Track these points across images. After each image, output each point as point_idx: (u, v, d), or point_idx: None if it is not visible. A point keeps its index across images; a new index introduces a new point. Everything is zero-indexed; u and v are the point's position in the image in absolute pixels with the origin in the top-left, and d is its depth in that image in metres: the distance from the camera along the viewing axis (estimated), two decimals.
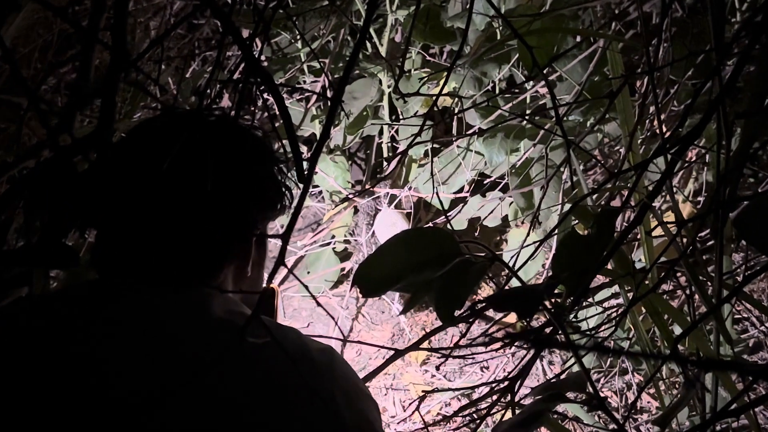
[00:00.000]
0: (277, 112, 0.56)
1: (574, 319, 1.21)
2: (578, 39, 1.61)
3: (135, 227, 0.70)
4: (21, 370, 0.62)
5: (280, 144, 0.79)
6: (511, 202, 2.10)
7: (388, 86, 2.18)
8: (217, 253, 0.72)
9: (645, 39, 1.01)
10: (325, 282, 2.41)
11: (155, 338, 0.64)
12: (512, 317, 2.20)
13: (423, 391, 1.01)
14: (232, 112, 0.78)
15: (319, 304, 0.56)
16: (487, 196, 2.15)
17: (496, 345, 1.29)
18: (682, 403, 0.61)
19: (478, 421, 0.84)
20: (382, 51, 2.12)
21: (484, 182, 2.07)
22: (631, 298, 0.83)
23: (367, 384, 0.77)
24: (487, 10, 1.63)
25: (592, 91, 1.61)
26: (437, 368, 2.17)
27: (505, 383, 0.74)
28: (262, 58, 2.20)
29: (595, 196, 1.27)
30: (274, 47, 2.20)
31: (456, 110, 2.08)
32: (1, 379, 0.62)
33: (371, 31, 2.13)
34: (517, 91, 1.90)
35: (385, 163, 2.39)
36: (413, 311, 2.38)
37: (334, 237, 2.39)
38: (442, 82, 0.85)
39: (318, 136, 2.40)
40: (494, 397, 0.79)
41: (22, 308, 0.70)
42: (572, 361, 1.52)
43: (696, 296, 0.88)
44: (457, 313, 0.66)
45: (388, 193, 2.24)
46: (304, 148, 2.42)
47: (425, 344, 1.84)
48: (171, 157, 0.63)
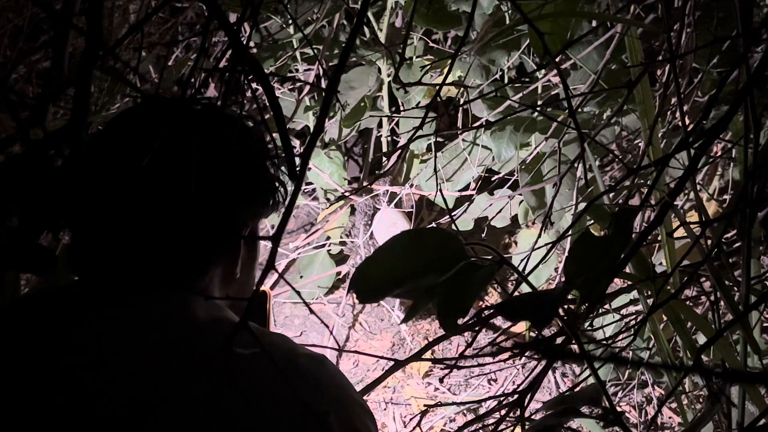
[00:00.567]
0: (267, 103, 0.56)
1: (589, 328, 1.22)
2: (594, 24, 1.62)
3: (113, 226, 0.70)
4: None
5: (270, 138, 0.79)
6: (521, 201, 2.10)
7: (388, 75, 2.18)
8: (203, 254, 0.72)
9: (666, 24, 1.01)
10: (319, 288, 2.41)
11: (135, 352, 0.65)
12: (521, 326, 2.21)
13: (425, 406, 1.02)
14: (219, 103, 0.78)
15: (313, 312, 0.56)
16: (495, 194, 2.15)
17: (505, 355, 1.30)
18: (706, 419, 0.61)
19: None
20: (381, 36, 2.13)
21: (492, 179, 2.07)
22: (651, 304, 0.83)
23: (365, 397, 0.77)
24: None
25: (608, 80, 1.61)
26: (441, 381, 2.17)
27: (515, 397, 0.74)
28: (251, 44, 2.20)
29: (612, 195, 1.27)
30: (263, 33, 2.20)
31: (461, 101, 2.08)
32: None
33: (369, 15, 2.13)
34: (528, 80, 1.91)
35: (385, 159, 2.39)
36: (415, 319, 2.38)
37: (329, 239, 2.39)
38: (446, 71, 0.86)
39: (311, 129, 2.41)
40: (503, 412, 0.79)
41: None
42: (587, 373, 1.52)
43: (721, 303, 0.88)
44: (462, 321, 0.66)
45: (387, 191, 2.24)
46: (296, 142, 2.42)
47: (428, 355, 1.84)
48: (153, 150, 0.63)
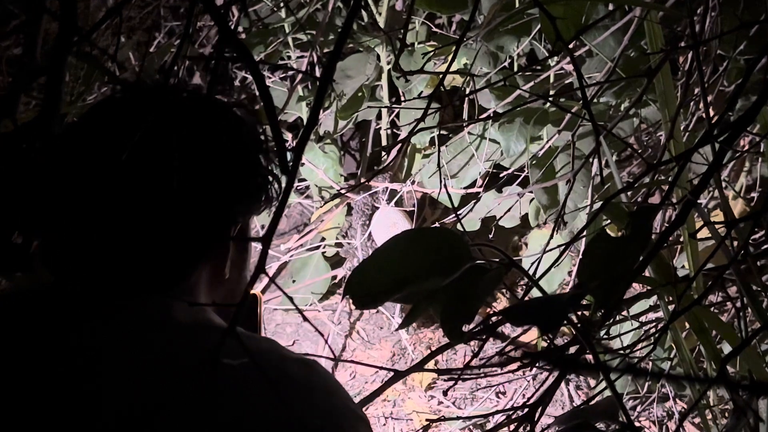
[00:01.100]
0: (257, 93, 0.56)
1: (605, 336, 1.22)
2: (611, 7, 1.61)
3: (89, 226, 0.70)
4: None
5: (261, 128, 0.78)
6: (532, 199, 2.10)
7: (388, 62, 2.18)
8: (189, 254, 0.72)
9: (689, 7, 1.01)
10: (313, 293, 2.41)
11: (116, 360, 0.65)
12: (532, 334, 2.21)
13: (428, 420, 1.02)
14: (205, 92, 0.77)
15: (306, 319, 0.56)
16: (504, 191, 2.15)
17: (514, 366, 1.30)
18: None
19: None
20: (381, 21, 2.12)
21: (500, 175, 2.07)
22: (672, 311, 0.83)
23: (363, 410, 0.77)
24: None
25: (626, 68, 1.61)
26: (445, 393, 2.17)
27: (525, 411, 0.74)
28: (239, 29, 2.20)
29: (630, 192, 1.27)
30: (252, 17, 2.19)
31: (467, 91, 2.08)
32: None
33: None
34: (539, 68, 1.91)
35: (384, 153, 2.39)
36: (417, 326, 2.38)
37: (323, 240, 2.39)
38: (450, 58, 0.85)
39: (305, 121, 2.40)
40: (512, 428, 0.79)
41: None
42: (603, 385, 1.52)
43: (748, 309, 0.88)
44: (467, 329, 0.66)
45: (387, 189, 2.24)
46: (288, 135, 2.42)
47: (430, 365, 1.84)
48: (134, 141, 0.63)
